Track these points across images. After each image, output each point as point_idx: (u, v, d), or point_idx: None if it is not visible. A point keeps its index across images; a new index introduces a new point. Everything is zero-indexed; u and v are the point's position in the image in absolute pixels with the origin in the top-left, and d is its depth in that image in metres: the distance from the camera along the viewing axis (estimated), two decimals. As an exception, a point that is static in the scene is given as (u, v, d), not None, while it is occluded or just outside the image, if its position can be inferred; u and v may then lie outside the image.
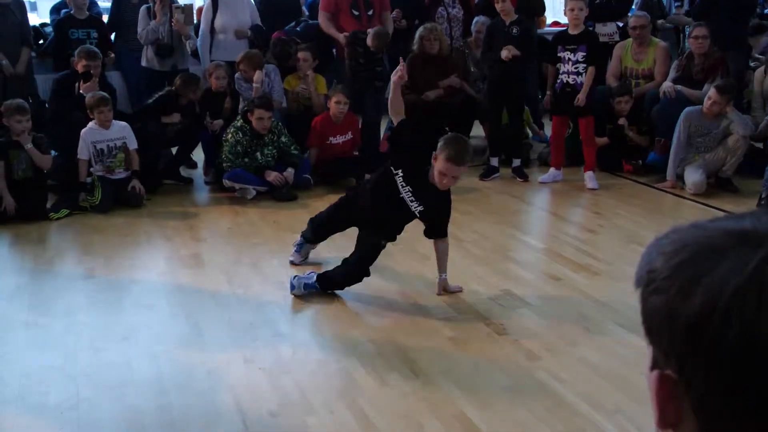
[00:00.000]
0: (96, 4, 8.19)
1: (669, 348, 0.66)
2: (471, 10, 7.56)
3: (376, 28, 6.67)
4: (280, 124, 6.18)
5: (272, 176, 5.92)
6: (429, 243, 4.81)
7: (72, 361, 3.41)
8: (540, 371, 3.21)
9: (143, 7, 6.96)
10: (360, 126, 6.68)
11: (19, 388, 3.21)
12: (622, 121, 6.39)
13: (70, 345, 3.57)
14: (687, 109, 5.93)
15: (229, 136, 5.94)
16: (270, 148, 6.07)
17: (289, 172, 6.03)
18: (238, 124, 5.97)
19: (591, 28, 6.56)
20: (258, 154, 6.02)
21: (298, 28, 7.32)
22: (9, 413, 3.03)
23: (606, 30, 7.40)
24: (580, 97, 5.92)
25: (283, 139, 6.12)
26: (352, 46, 6.63)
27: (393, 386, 3.12)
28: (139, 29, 6.90)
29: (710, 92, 5.80)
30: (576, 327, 3.63)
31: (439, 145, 3.80)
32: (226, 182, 5.99)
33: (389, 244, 4.00)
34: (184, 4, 6.97)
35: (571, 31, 5.99)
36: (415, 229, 5.14)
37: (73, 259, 4.84)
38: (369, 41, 6.54)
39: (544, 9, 8.02)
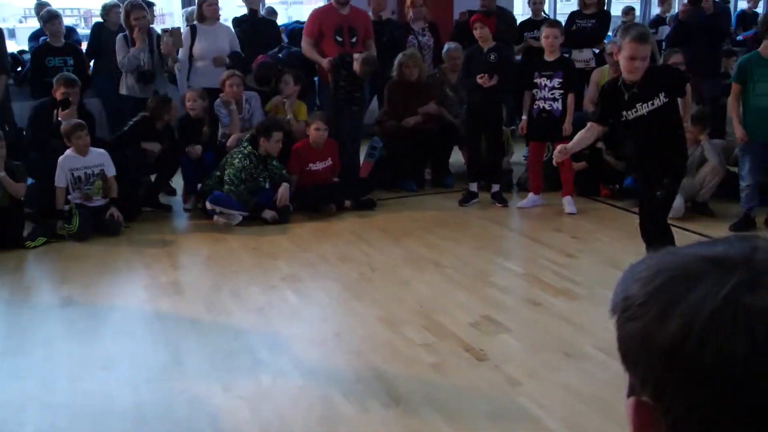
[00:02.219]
0: (75, 31, 8.20)
1: (645, 374, 0.67)
2: (440, 38, 7.65)
3: (365, 53, 6.70)
4: None
5: (270, 215, 5.95)
6: (409, 268, 4.83)
7: (50, 390, 3.37)
8: (521, 397, 3.21)
9: (120, 36, 6.94)
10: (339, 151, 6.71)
11: (-6, 419, 3.17)
12: (600, 144, 6.46)
13: (47, 374, 3.52)
14: None
15: (236, 161, 5.95)
16: (264, 171, 6.11)
17: (285, 187, 6.06)
18: (246, 150, 5.98)
19: (567, 55, 6.64)
20: (260, 178, 6.05)
21: (280, 55, 7.35)
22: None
23: (582, 56, 7.51)
24: (566, 127, 5.98)
25: (273, 162, 6.15)
26: (336, 69, 6.65)
27: (373, 414, 3.10)
28: (118, 57, 6.88)
29: None
30: (557, 352, 3.63)
31: (619, 34, 3.98)
32: (209, 205, 5.97)
33: (370, 271, 3.99)
34: (172, 27, 6.97)
35: (547, 58, 6.06)
36: (396, 254, 5.16)
37: (50, 287, 4.80)
38: (357, 67, 6.57)
39: (519, 39, 8.10)
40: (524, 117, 6.26)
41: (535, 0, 8.18)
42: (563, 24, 6.73)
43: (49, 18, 7.15)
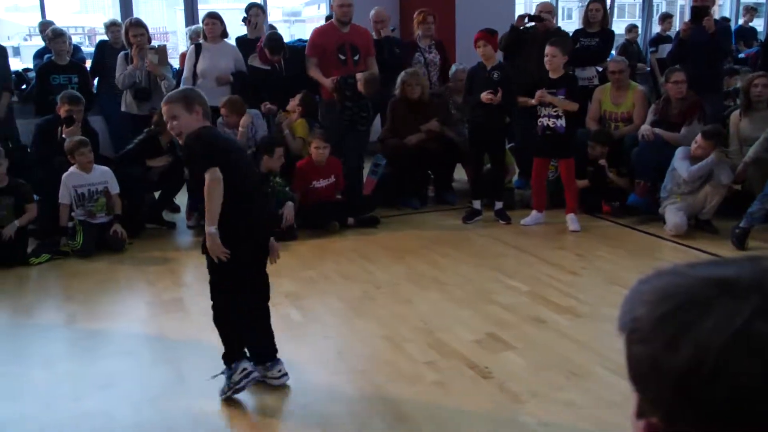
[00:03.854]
0: (80, 50, 8.25)
1: (656, 397, 0.67)
2: (447, 56, 7.68)
3: (367, 73, 6.71)
4: None
5: (289, 216, 6.02)
6: (412, 286, 4.82)
7: (51, 410, 3.35)
8: (525, 416, 3.19)
9: (121, 54, 6.98)
10: (342, 169, 6.71)
11: (-5, 438, 3.16)
12: (602, 162, 6.47)
13: (48, 394, 3.51)
14: (680, 148, 6.03)
15: None
16: (267, 188, 6.11)
17: (289, 206, 6.06)
18: None
19: (572, 73, 6.65)
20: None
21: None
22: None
23: (585, 74, 7.52)
24: (541, 93, 5.96)
25: (277, 179, 6.15)
26: (340, 91, 6.67)
27: (377, 432, 3.08)
28: (117, 75, 6.92)
29: (697, 137, 5.90)
30: (560, 370, 3.61)
31: None
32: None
33: (373, 289, 3.96)
34: (158, 45, 6.98)
35: (551, 76, 6.08)
36: (399, 272, 5.15)
37: (53, 305, 4.79)
38: (360, 87, 6.58)
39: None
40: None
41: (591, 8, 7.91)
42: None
43: (54, 36, 7.20)
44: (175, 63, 8.52)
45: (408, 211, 6.92)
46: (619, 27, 11.39)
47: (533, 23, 7.19)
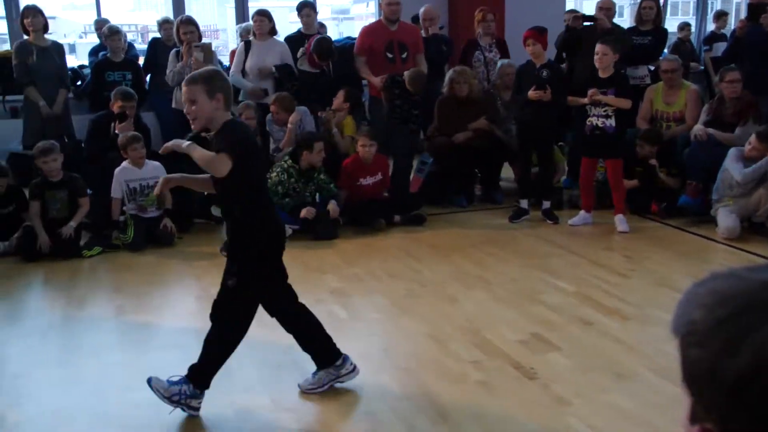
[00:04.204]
0: (133, 47, 8.39)
1: (710, 402, 0.66)
2: (509, 55, 7.62)
3: (412, 70, 6.71)
4: None
5: (304, 212, 5.97)
6: (457, 285, 4.81)
7: (101, 400, 3.43)
8: (570, 417, 3.16)
9: (173, 51, 7.11)
10: (390, 167, 6.72)
11: (47, 426, 3.24)
12: (653, 161, 6.37)
13: (99, 384, 3.59)
14: (733, 148, 5.91)
15: (273, 174, 6.01)
16: (310, 185, 6.15)
17: (333, 203, 6.09)
18: (286, 165, 6.04)
19: (623, 71, 6.55)
20: (306, 192, 6.12)
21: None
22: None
23: (638, 73, 7.42)
24: (593, 92, 5.88)
25: (321, 176, 6.19)
26: (389, 90, 6.67)
27: (420, 430, 3.08)
28: (167, 71, 7.04)
29: (751, 138, 5.78)
30: (607, 372, 3.57)
31: None
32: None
33: (418, 287, 3.95)
34: (203, 43, 7.07)
35: (601, 75, 6.00)
36: (444, 270, 5.14)
37: (104, 297, 4.89)
38: (408, 85, 6.58)
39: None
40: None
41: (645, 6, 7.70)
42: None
43: (110, 34, 7.34)
44: (225, 60, 8.62)
45: (454, 210, 6.90)
46: (672, 25, 11.20)
47: (590, 23, 7.12)
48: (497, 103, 7.31)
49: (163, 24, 7.90)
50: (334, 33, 9.30)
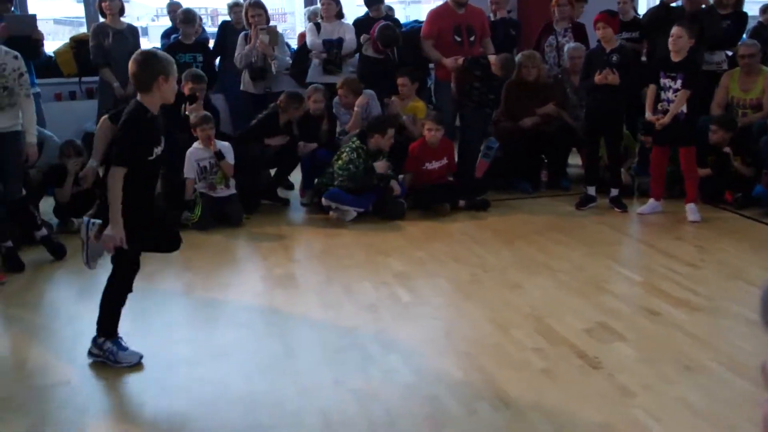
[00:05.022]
0: (204, 29, 8.50)
1: None
2: (587, 39, 7.46)
3: (503, 55, 6.64)
4: None
5: (379, 166, 6.08)
6: (521, 272, 4.77)
7: (169, 374, 3.51)
8: (635, 408, 3.10)
9: (242, 33, 7.19)
10: (457, 151, 6.68)
11: (117, 396, 3.34)
12: (727, 149, 6.19)
13: (168, 358, 3.68)
14: None
15: (344, 154, 6.07)
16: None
17: (394, 183, 6.13)
18: (354, 144, 6.09)
19: (696, 56, 6.35)
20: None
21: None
22: (106, 422, 3.14)
23: (714, 58, 7.20)
24: (665, 120, 5.75)
25: (384, 160, 6.21)
26: (469, 71, 6.59)
27: (482, 416, 3.07)
28: (236, 54, 7.13)
29: None
30: (674, 364, 3.49)
31: None
32: (325, 201, 6.10)
33: (482, 272, 3.93)
34: (269, 25, 7.13)
35: (673, 58, 5.83)
36: (508, 256, 5.10)
37: (172, 273, 4.99)
38: (496, 69, 6.51)
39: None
40: (648, 114, 5.97)
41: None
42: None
43: (186, 20, 7.41)
44: (293, 43, 8.67)
45: (520, 196, 6.83)
46: (752, 9, 10.79)
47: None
48: (566, 88, 7.19)
49: (233, 7, 7.98)
50: (400, 16, 9.26)
